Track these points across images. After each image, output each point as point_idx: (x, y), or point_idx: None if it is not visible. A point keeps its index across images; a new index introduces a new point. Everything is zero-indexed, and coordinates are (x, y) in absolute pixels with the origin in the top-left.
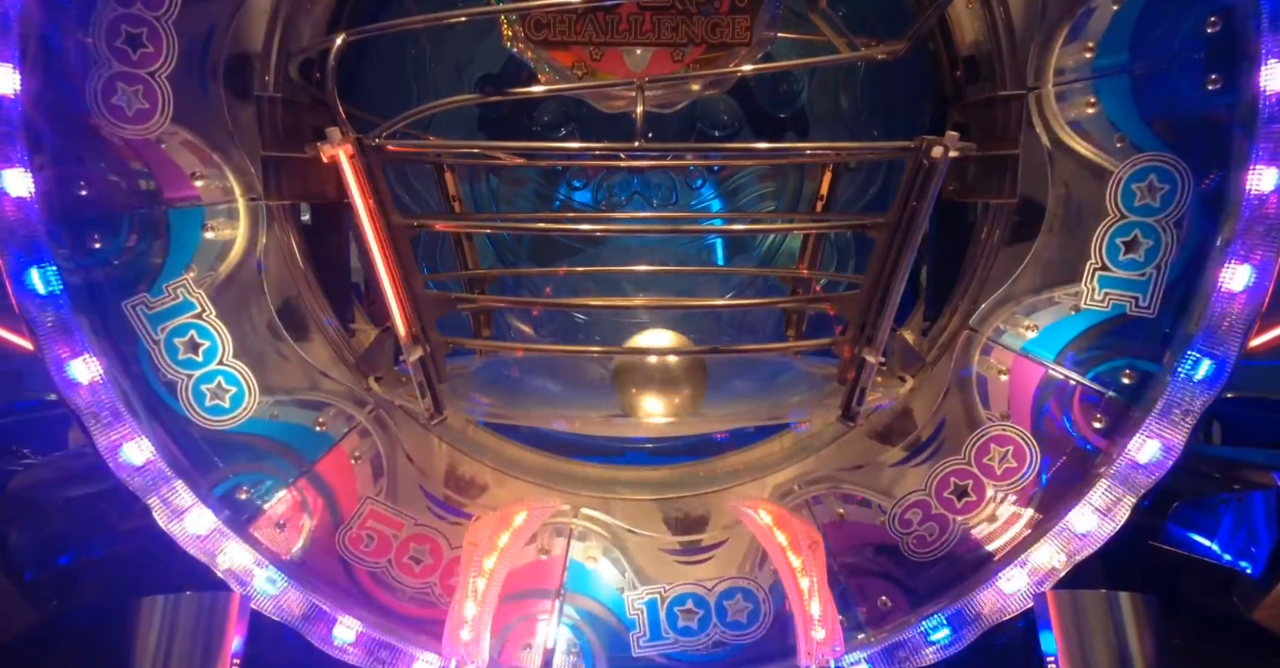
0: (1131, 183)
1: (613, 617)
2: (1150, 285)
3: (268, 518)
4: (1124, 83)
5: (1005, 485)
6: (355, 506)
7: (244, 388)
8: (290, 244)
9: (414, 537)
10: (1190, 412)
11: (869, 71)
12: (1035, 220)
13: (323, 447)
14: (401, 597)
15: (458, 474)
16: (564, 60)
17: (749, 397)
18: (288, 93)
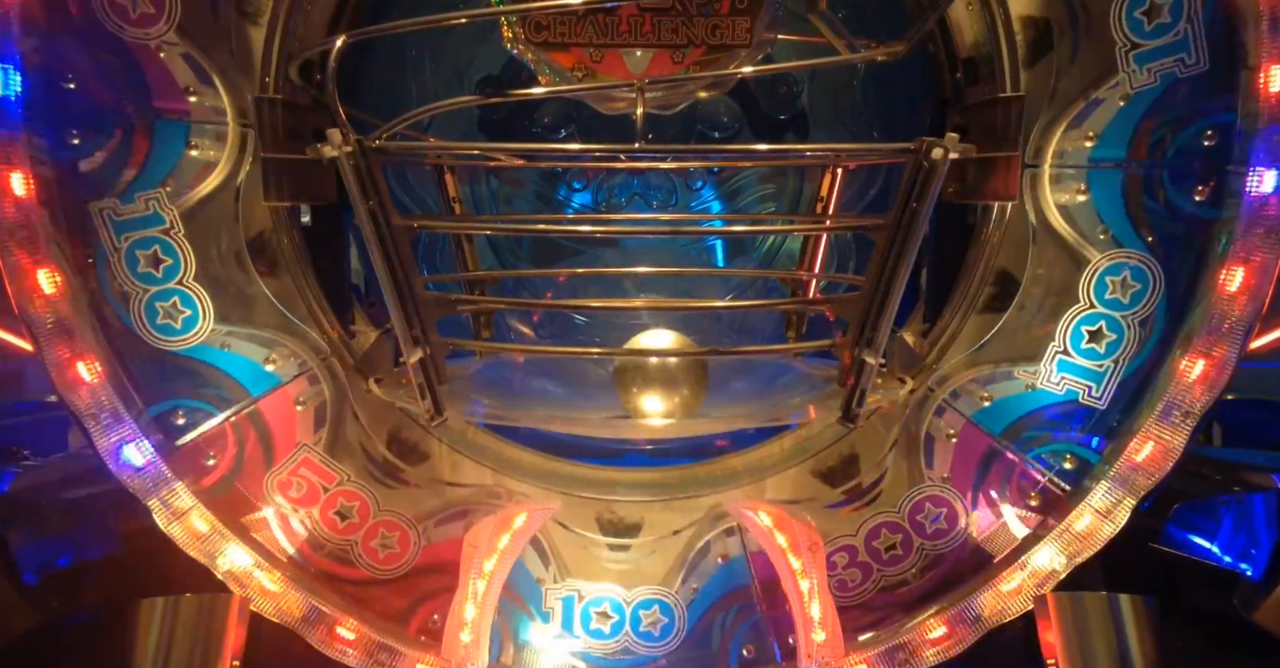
0: (1106, 275)
1: (528, 607)
2: (1105, 377)
3: (197, 446)
4: (1117, 177)
5: (933, 546)
6: (290, 450)
7: (199, 312)
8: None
9: (344, 492)
10: (1190, 413)
11: (869, 73)
12: (1009, 293)
13: (268, 385)
14: (319, 550)
15: (401, 438)
16: (564, 62)
17: (749, 398)
18: (288, 94)
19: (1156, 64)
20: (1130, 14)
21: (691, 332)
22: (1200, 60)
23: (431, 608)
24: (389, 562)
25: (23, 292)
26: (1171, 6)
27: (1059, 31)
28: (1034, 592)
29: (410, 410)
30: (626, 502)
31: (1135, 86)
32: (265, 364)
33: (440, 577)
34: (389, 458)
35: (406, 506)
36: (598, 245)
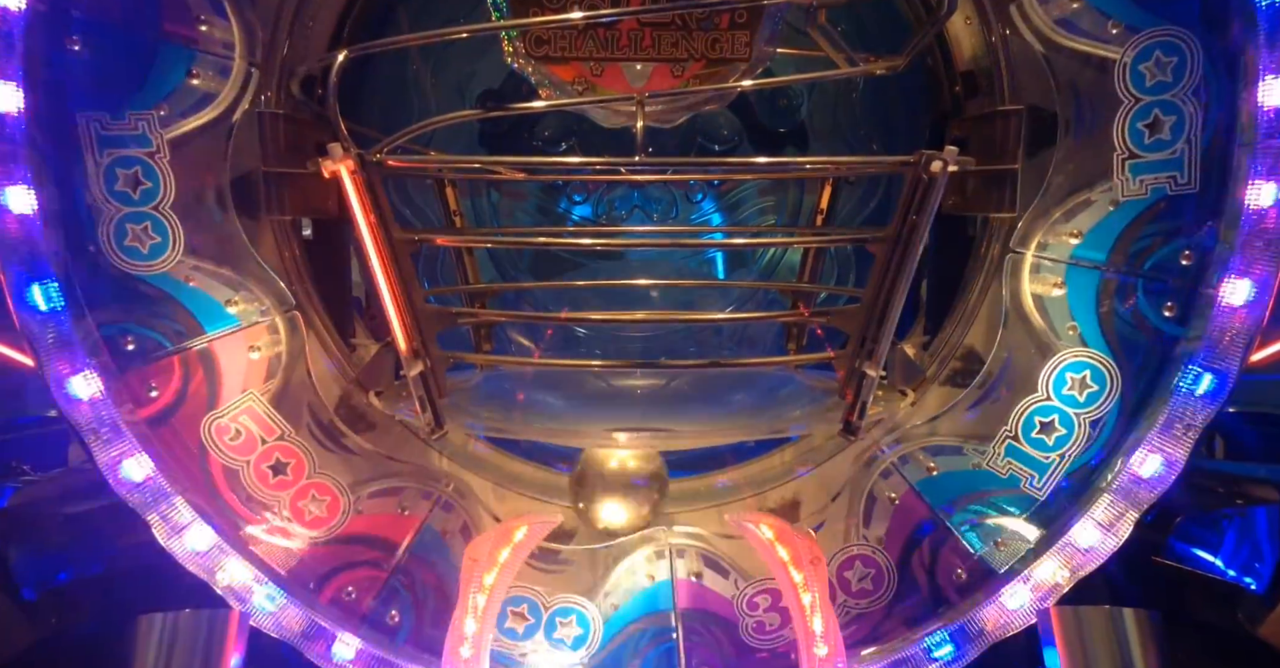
0: (1067, 371)
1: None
2: (1049, 469)
3: (142, 375)
4: (1094, 279)
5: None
6: (235, 396)
7: (168, 241)
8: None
9: (281, 448)
10: (1192, 426)
11: (868, 86)
12: (973, 371)
13: (225, 325)
14: (248, 502)
15: (350, 404)
16: (565, 76)
17: (749, 411)
18: (290, 109)
19: (1150, 177)
20: (1134, 124)
21: (691, 344)
22: (1192, 181)
23: (348, 580)
24: (314, 525)
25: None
26: (1174, 125)
27: (1064, 128)
28: (1037, 606)
29: (411, 423)
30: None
31: (1126, 195)
32: (227, 305)
33: (363, 550)
34: (335, 422)
35: (343, 471)
36: (598, 258)
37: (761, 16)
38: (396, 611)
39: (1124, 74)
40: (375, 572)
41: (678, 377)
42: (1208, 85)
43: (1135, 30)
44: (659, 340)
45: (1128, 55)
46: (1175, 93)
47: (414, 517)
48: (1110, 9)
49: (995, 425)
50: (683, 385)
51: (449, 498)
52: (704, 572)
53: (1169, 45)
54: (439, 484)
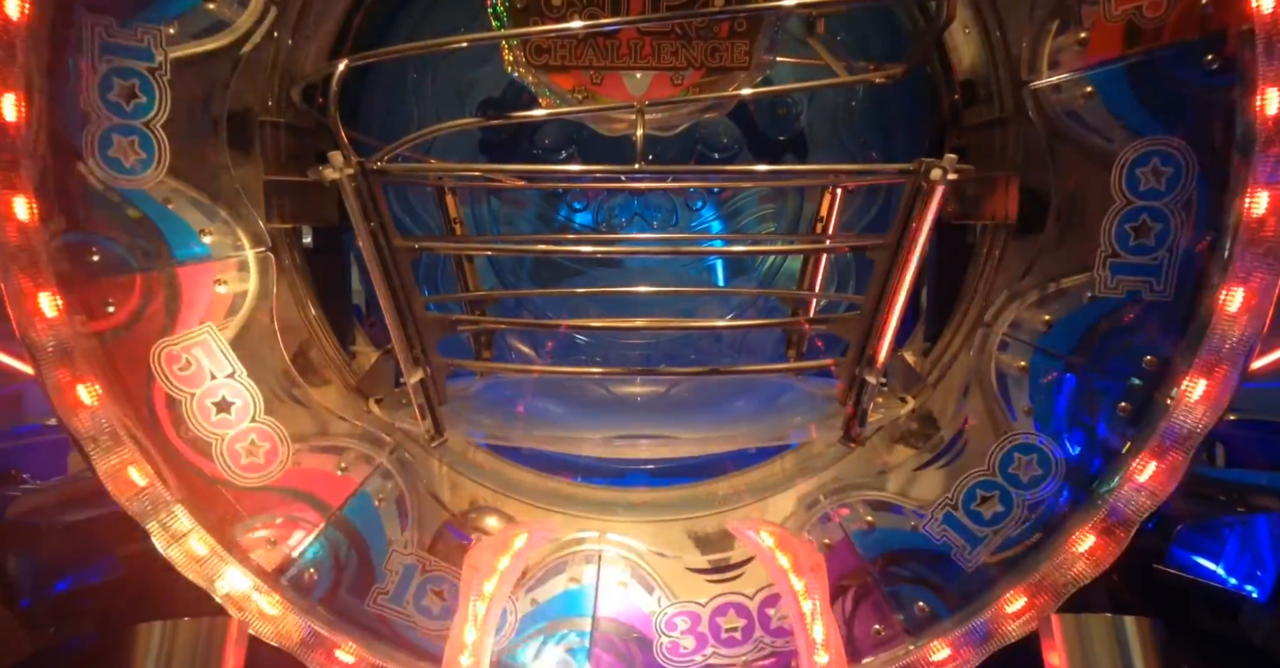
0: (1015, 452)
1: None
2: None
3: (101, 287)
4: (1056, 367)
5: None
6: (192, 326)
7: (154, 159)
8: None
9: (229, 387)
10: (1193, 434)
11: (868, 95)
12: (929, 435)
13: (195, 254)
14: (186, 436)
15: (308, 356)
16: (565, 84)
17: (750, 418)
18: (290, 117)
19: (1128, 278)
20: (1121, 225)
21: (692, 351)
22: (1166, 290)
23: (271, 530)
24: (250, 469)
25: (24, 315)
26: (1159, 232)
27: (1054, 217)
28: (1038, 613)
29: (410, 429)
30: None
31: (1100, 292)
32: (201, 235)
33: (293, 503)
34: (289, 370)
35: (288, 421)
36: (598, 265)
37: (761, 25)
38: (315, 570)
39: (1121, 174)
40: (301, 527)
41: (678, 384)
42: (1198, 201)
43: (1138, 134)
44: (659, 348)
45: (1127, 156)
46: (1166, 201)
47: (351, 479)
48: (1119, 109)
49: (938, 491)
50: (683, 393)
51: (390, 467)
52: (629, 584)
53: (1167, 156)
54: (383, 451)
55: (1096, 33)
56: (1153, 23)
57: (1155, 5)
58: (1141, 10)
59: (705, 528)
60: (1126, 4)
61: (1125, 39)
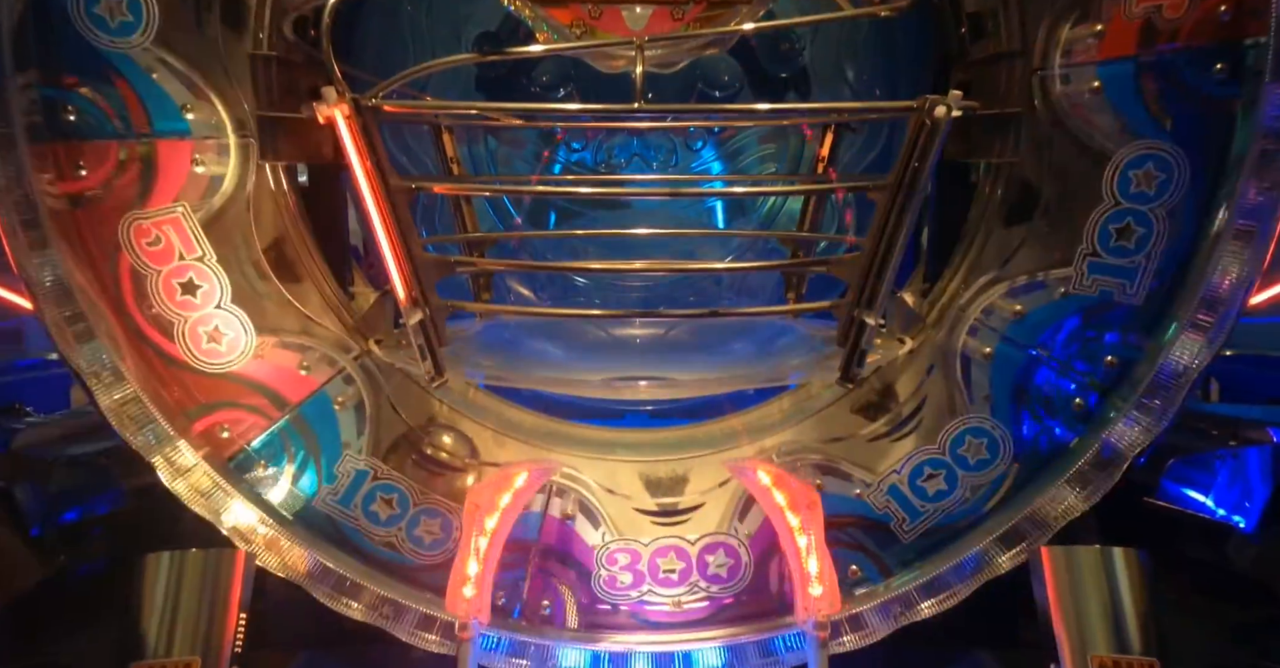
0: (967, 435)
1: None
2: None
3: (75, 149)
4: (1020, 358)
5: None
6: (166, 203)
7: (141, 22)
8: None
9: (196, 269)
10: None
11: (872, 30)
12: (884, 409)
13: (175, 129)
14: (148, 312)
15: (283, 251)
16: (562, 18)
17: (748, 359)
18: (282, 51)
19: (1103, 278)
20: (1105, 225)
21: (691, 292)
22: (1138, 294)
23: (227, 418)
24: (211, 355)
25: (20, 249)
26: (1140, 236)
27: (1042, 209)
28: (1028, 546)
29: (411, 370)
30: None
31: (1075, 288)
32: (184, 110)
33: (251, 394)
34: (261, 262)
35: (255, 312)
36: (597, 207)
37: None
38: (266, 462)
39: (1114, 175)
40: (257, 419)
41: (677, 326)
42: (1184, 210)
43: (1137, 135)
44: (658, 289)
45: (1123, 157)
46: (1153, 207)
47: (313, 379)
48: (1123, 108)
49: (888, 461)
50: (682, 334)
51: (353, 372)
52: (577, 517)
53: (1162, 160)
54: (347, 356)
55: (1113, 28)
56: (1170, 24)
57: (1175, 6)
58: (1161, 10)
59: (659, 473)
60: (1147, 2)
61: (1140, 37)
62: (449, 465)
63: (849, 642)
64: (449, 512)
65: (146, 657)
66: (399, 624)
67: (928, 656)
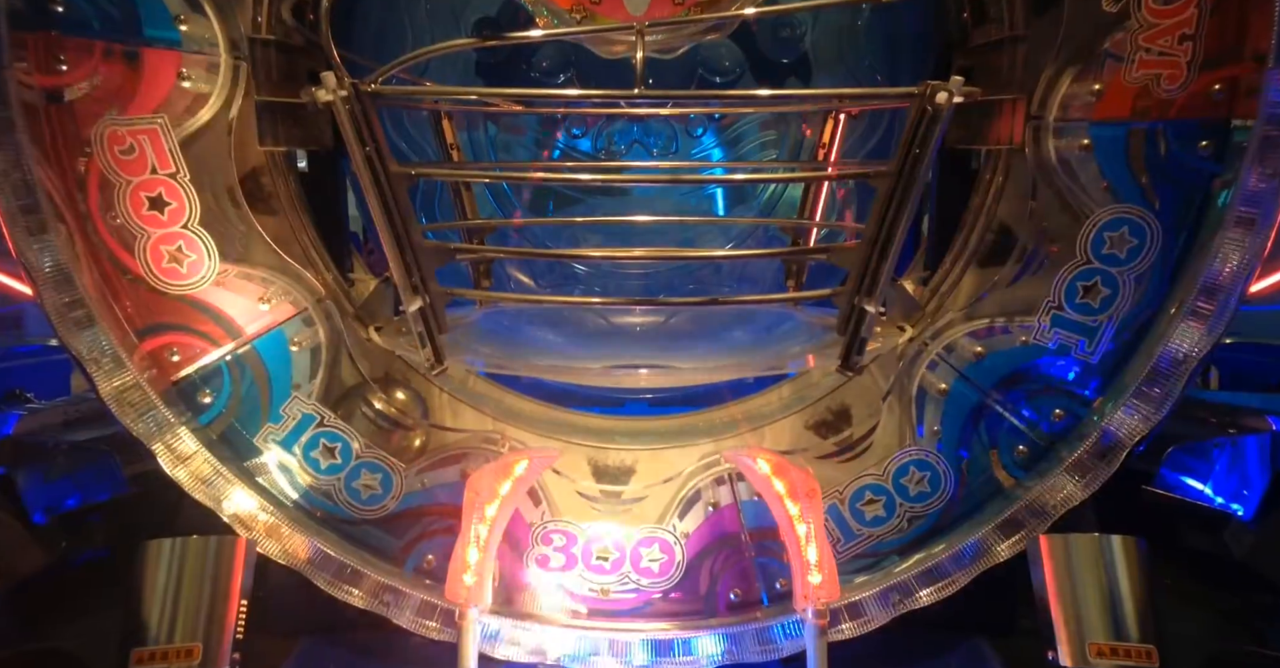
0: (912, 466)
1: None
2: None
3: (57, 42)
4: (971, 400)
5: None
6: (145, 113)
7: None
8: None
9: (167, 185)
10: (1189, 357)
11: (874, 15)
12: (841, 429)
13: (166, 39)
14: (112, 223)
15: (259, 180)
16: (562, 3)
17: (749, 347)
18: (281, 36)
19: (1063, 333)
20: (1074, 281)
21: (691, 280)
22: (1094, 354)
23: (175, 341)
24: (170, 275)
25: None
26: (1106, 298)
27: (1016, 255)
28: (1026, 534)
29: (410, 358)
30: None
31: (1036, 338)
32: (177, 20)
33: (204, 320)
34: (235, 190)
35: (221, 238)
36: (597, 194)
37: None
38: (210, 391)
39: (1089, 233)
40: (207, 346)
41: (677, 313)
42: (1151, 278)
43: (1118, 198)
44: (658, 277)
45: (1100, 217)
46: (1122, 270)
47: (272, 315)
48: (1108, 169)
49: (830, 484)
50: (682, 322)
51: (315, 315)
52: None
53: (1138, 226)
54: (311, 298)
55: (1111, 89)
56: (1167, 94)
57: (1174, 78)
58: (1160, 80)
59: (607, 460)
60: (1149, 70)
61: (1135, 103)
62: (399, 423)
63: (847, 630)
64: (391, 469)
65: (148, 644)
66: (399, 611)
67: (926, 643)
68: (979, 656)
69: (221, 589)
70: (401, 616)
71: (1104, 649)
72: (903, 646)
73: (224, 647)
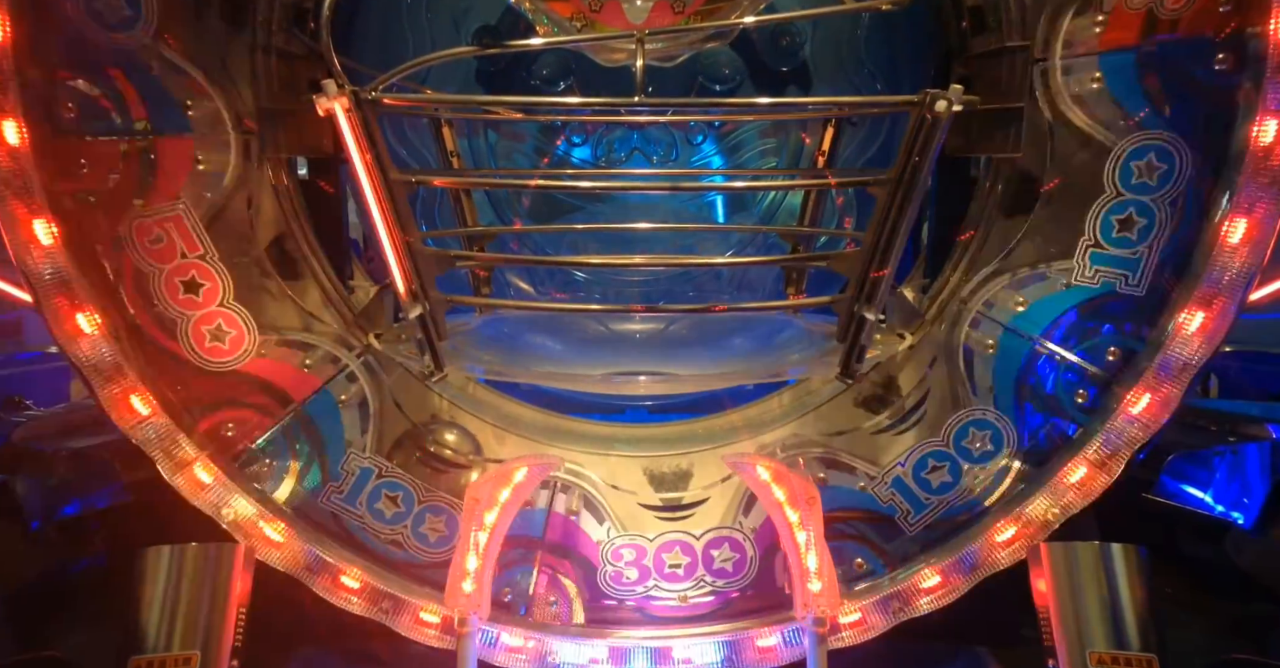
0: (970, 427)
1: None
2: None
3: (76, 146)
4: (1024, 349)
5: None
6: (168, 201)
7: (141, 14)
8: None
9: (199, 267)
10: (1188, 366)
11: (873, 23)
12: (889, 400)
13: (177, 127)
14: (151, 310)
15: (284, 248)
16: (562, 11)
17: (748, 354)
18: (282, 44)
19: (1105, 269)
20: (1108, 217)
21: (691, 288)
22: (1141, 286)
23: (231, 417)
24: (214, 354)
25: (19, 242)
26: (1143, 228)
27: (1044, 201)
28: (1027, 542)
29: (410, 365)
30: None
31: (1078, 279)
32: (185, 108)
33: (255, 393)
34: (263, 259)
35: (258, 310)
36: (597, 201)
37: None
38: (271, 460)
39: (1115, 166)
40: (261, 417)
41: (676, 321)
42: (1186, 201)
43: (1139, 127)
44: (658, 284)
45: (1124, 148)
46: (1155, 198)
47: (316, 377)
48: (1125, 99)
49: (892, 454)
50: (681, 330)
51: (356, 370)
52: (581, 513)
53: (1164, 151)
54: (350, 354)
55: (1115, 18)
56: (1172, 14)
57: None
58: (1163, 1)
59: (662, 468)
60: None
61: (1142, 28)
62: (453, 462)
63: (848, 637)
64: (453, 509)
65: (146, 652)
66: (398, 619)
67: (926, 652)
68: (979, 664)
69: (220, 597)
70: (400, 623)
71: (1105, 658)
72: (903, 654)
73: (223, 655)
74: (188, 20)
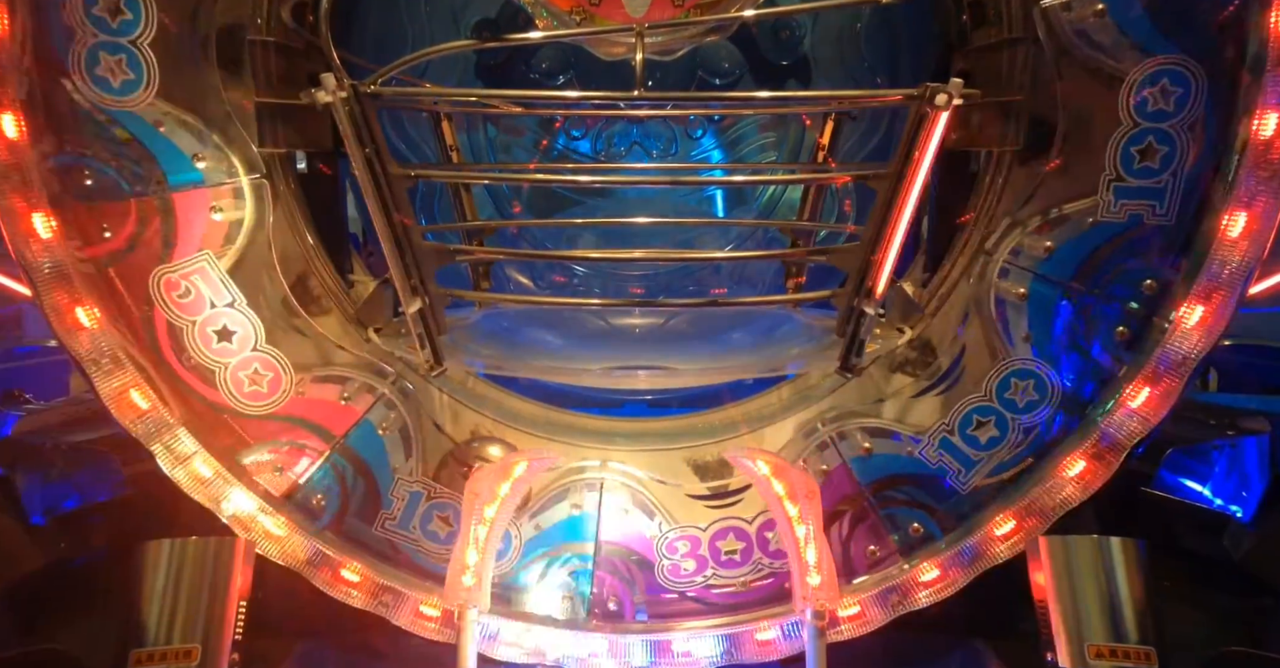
0: (1012, 378)
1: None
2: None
3: (97, 211)
4: (1054, 295)
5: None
6: (190, 254)
7: (143, 79)
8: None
9: (229, 315)
10: (1188, 359)
11: (873, 17)
12: (927, 362)
13: (188, 180)
14: (188, 363)
15: (307, 286)
16: (562, 5)
17: (748, 349)
18: (281, 37)
19: (1131, 203)
20: (1127, 148)
21: (690, 282)
22: (1170, 214)
23: (278, 457)
24: (253, 398)
25: (18, 236)
26: (1164, 156)
27: (1059, 141)
28: (1026, 535)
29: (409, 358)
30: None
31: (1104, 216)
32: (194, 160)
33: (298, 431)
34: (289, 299)
35: (289, 350)
36: (596, 195)
37: None
38: (322, 495)
39: (1129, 96)
40: (307, 454)
41: (676, 315)
42: (1205, 123)
43: (1148, 54)
44: (657, 279)
45: (1136, 77)
46: (1173, 124)
47: (355, 409)
48: (1130, 27)
49: (936, 415)
50: (681, 324)
51: (393, 397)
52: (631, 510)
53: (1177, 75)
54: (385, 381)
55: None
56: None
57: None
58: None
59: (704, 457)
60: None
61: None
62: None
63: (847, 630)
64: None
65: (147, 645)
66: (398, 612)
67: (925, 645)
68: (978, 657)
69: (220, 590)
70: (400, 616)
71: (1103, 651)
72: (902, 647)
73: (223, 648)
74: (187, 74)
